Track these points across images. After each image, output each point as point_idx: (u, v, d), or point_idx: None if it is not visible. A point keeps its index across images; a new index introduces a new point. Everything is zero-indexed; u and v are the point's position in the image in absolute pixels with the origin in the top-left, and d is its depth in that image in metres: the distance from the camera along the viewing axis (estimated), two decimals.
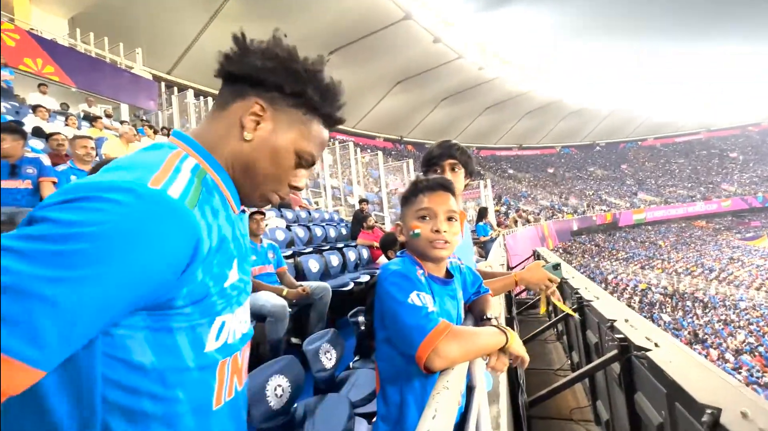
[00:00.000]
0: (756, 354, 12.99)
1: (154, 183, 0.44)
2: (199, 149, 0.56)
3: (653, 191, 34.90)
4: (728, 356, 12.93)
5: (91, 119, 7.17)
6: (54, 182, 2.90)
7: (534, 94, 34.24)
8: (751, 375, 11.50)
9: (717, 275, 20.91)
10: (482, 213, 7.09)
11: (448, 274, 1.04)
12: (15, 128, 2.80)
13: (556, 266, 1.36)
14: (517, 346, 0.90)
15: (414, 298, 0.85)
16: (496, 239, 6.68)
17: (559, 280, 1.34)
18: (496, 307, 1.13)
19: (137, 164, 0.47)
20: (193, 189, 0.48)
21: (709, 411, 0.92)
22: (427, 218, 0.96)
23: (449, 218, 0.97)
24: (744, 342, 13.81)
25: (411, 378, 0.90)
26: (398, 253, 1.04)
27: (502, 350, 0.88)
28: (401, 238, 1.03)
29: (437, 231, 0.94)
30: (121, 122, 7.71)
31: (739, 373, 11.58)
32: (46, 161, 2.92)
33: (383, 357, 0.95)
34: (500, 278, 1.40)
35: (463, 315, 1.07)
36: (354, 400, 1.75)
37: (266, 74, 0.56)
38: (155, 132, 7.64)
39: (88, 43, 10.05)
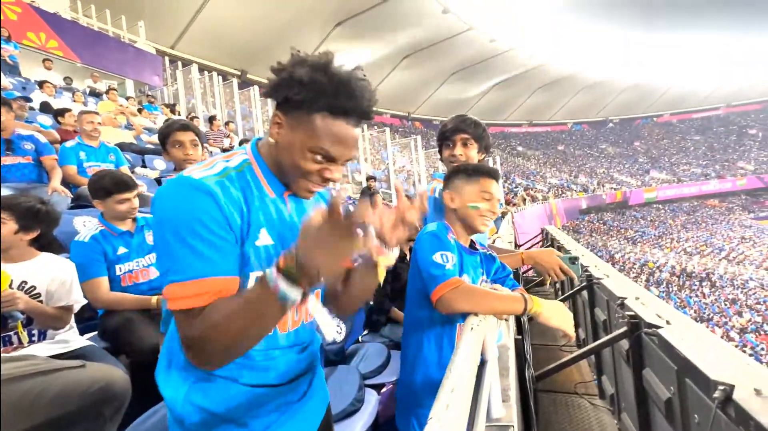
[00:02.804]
0: (761, 332, 13.02)
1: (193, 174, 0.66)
2: (252, 148, 0.76)
3: (666, 169, 34.09)
4: (733, 334, 12.99)
5: (97, 94, 7.13)
6: (55, 160, 2.84)
7: (548, 67, 33.00)
8: (757, 354, 11.57)
9: (727, 255, 20.69)
10: None
11: (473, 248, 1.26)
12: (5, 101, 2.66)
13: (573, 260, 1.37)
14: (553, 319, 1.05)
15: (438, 256, 1.07)
16: (504, 216, 6.66)
17: (575, 276, 1.39)
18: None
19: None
20: (214, 174, 0.67)
21: (721, 387, 0.92)
22: (488, 200, 1.19)
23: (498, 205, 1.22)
24: (750, 320, 13.82)
25: (433, 321, 1.15)
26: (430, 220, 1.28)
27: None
28: (452, 205, 1.21)
29: (492, 212, 1.19)
30: (127, 98, 7.66)
31: (744, 351, 11.66)
32: (42, 138, 2.84)
33: (413, 303, 1.20)
34: (508, 254, 1.52)
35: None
36: (364, 372, 1.79)
37: (274, 91, 0.69)
38: (172, 111, 7.63)
39: (90, 17, 9.84)
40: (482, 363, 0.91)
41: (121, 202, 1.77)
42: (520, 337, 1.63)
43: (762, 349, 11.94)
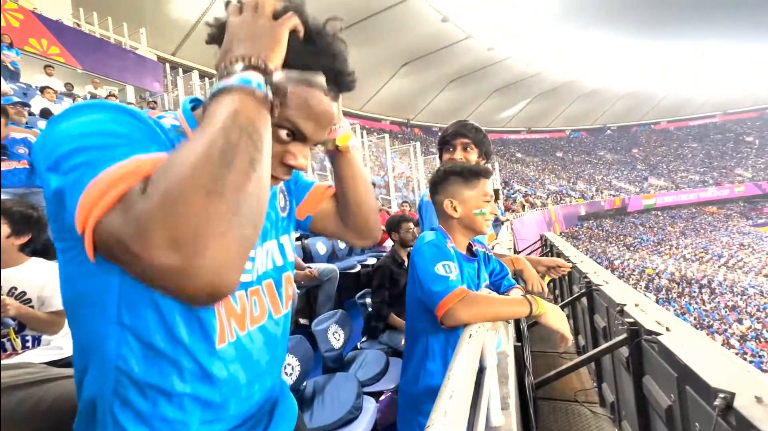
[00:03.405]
0: (762, 340, 12.97)
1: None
2: (186, 112, 0.59)
3: (664, 176, 34.24)
4: (733, 342, 12.93)
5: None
6: None
7: (546, 75, 33.30)
8: (760, 361, 11.52)
9: (726, 262, 20.69)
10: (495, 195, 7.13)
11: (471, 254, 1.22)
12: None
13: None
14: (553, 320, 1.04)
15: (440, 267, 1.01)
16: (502, 224, 6.67)
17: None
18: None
19: None
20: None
21: (722, 395, 0.91)
22: (489, 202, 1.18)
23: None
24: (750, 328, 13.78)
25: (436, 330, 1.09)
26: (431, 227, 1.23)
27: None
28: (455, 214, 1.16)
29: (493, 214, 1.18)
30: (127, 104, 7.69)
31: (744, 359, 11.60)
32: (33, 139, 2.80)
33: (414, 312, 1.15)
34: (504, 258, 1.53)
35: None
36: (362, 379, 1.78)
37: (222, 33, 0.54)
38: None
39: (92, 24, 9.93)
40: (481, 370, 0.90)
41: None
42: (519, 344, 1.63)
43: (763, 357, 11.89)
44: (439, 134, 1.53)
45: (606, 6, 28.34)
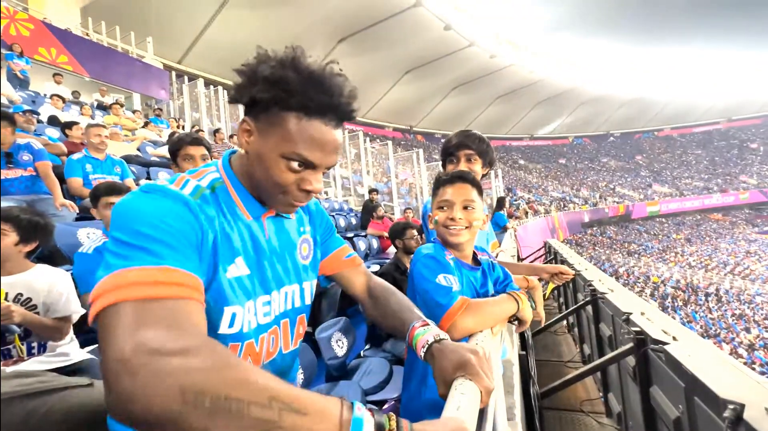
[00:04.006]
0: None
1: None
2: (225, 164, 0.68)
3: (668, 183, 34.06)
4: (741, 351, 12.72)
5: (104, 107, 7.26)
6: (49, 166, 2.78)
7: (548, 82, 33.40)
8: None
9: (732, 269, 20.45)
10: (501, 203, 7.12)
11: (476, 263, 1.15)
12: (5, 114, 2.63)
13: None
14: (526, 312, 1.02)
15: (441, 279, 0.97)
16: (505, 231, 6.65)
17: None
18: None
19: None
20: (189, 194, 0.59)
21: (731, 406, 0.90)
22: (445, 208, 1.07)
23: (465, 207, 1.06)
24: (758, 337, 13.56)
25: None
26: (432, 239, 1.17)
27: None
28: (431, 226, 1.13)
29: (452, 219, 1.05)
30: (133, 112, 7.79)
31: (753, 368, 11.39)
32: (36, 144, 2.79)
33: None
34: (518, 278, 1.47)
35: None
36: (366, 388, 1.76)
37: (239, 93, 0.61)
38: (178, 126, 7.76)
39: (100, 33, 10.10)
40: None
41: (107, 206, 1.79)
42: (524, 352, 1.61)
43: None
44: (442, 141, 1.53)
45: (608, 14, 28.51)
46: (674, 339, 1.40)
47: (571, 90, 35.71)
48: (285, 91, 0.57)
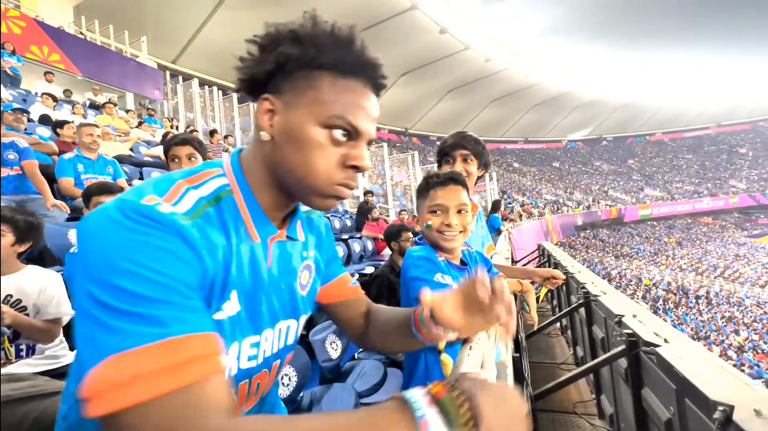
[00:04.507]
0: (759, 351, 12.95)
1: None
2: (234, 164, 0.54)
3: (660, 187, 34.53)
4: (731, 353, 12.91)
5: (97, 106, 7.18)
6: (35, 165, 2.73)
7: (543, 86, 33.74)
8: (756, 375, 11.49)
9: (722, 272, 20.76)
10: (496, 206, 7.18)
11: (463, 263, 1.11)
12: None
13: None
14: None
15: (438, 278, 0.95)
16: (500, 234, 6.69)
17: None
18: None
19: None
20: (186, 212, 0.46)
21: (721, 408, 0.91)
22: (439, 212, 1.04)
23: (459, 211, 1.04)
24: (747, 339, 13.76)
25: (434, 347, 1.00)
26: (416, 239, 1.13)
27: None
28: (418, 228, 1.11)
29: (448, 225, 1.02)
30: (127, 111, 7.72)
31: (742, 370, 11.55)
32: (21, 142, 2.73)
33: None
34: (511, 282, 1.48)
35: None
36: (359, 390, 1.76)
37: (259, 67, 0.50)
38: (172, 126, 7.69)
39: (93, 31, 10.01)
40: None
41: (96, 205, 1.77)
42: (518, 355, 1.62)
43: (761, 368, 11.85)
44: (438, 143, 1.54)
45: (602, 20, 28.90)
46: (665, 341, 1.42)
47: (566, 94, 36.09)
48: (316, 47, 0.48)
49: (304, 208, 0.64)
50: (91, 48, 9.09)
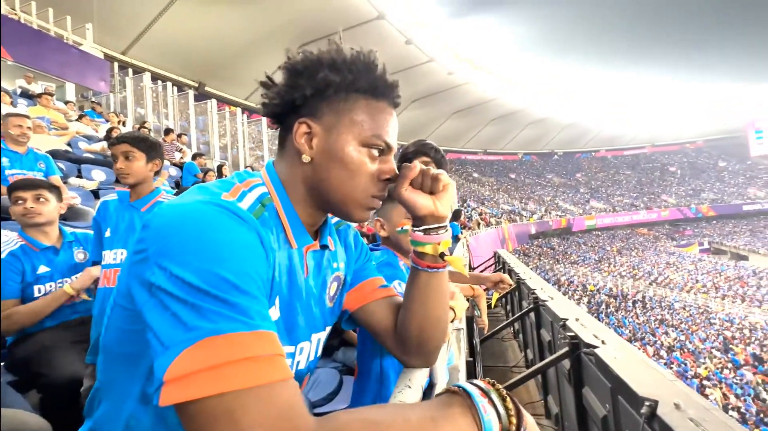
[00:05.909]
0: (686, 350, 14.32)
1: None
2: (272, 176, 0.56)
3: (603, 199, 37.44)
4: (663, 353, 14.15)
5: (30, 96, 6.52)
6: None
7: (501, 101, 35.51)
8: (682, 372, 12.67)
9: (655, 279, 22.82)
10: (457, 215, 7.38)
11: None
12: None
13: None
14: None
15: (396, 286, 0.95)
16: (458, 241, 6.89)
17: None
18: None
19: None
20: (248, 208, 0.50)
21: (647, 403, 0.99)
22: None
23: None
24: (675, 339, 15.18)
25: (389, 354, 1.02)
26: (372, 245, 1.12)
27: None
28: (382, 233, 1.11)
29: None
30: (66, 102, 7.07)
31: (671, 368, 12.70)
32: None
33: (365, 332, 1.06)
34: (463, 287, 1.52)
35: None
36: (314, 400, 1.71)
37: (291, 93, 0.54)
38: (119, 122, 7.13)
39: (29, 13, 9.11)
40: (430, 386, 0.90)
41: (15, 201, 1.60)
42: (472, 359, 1.66)
43: (687, 366, 13.10)
44: (400, 151, 1.56)
45: (560, 39, 31.00)
46: (603, 342, 1.52)
47: (520, 110, 38.23)
48: (352, 72, 0.53)
49: (333, 220, 0.68)
50: (25, 31, 8.24)
